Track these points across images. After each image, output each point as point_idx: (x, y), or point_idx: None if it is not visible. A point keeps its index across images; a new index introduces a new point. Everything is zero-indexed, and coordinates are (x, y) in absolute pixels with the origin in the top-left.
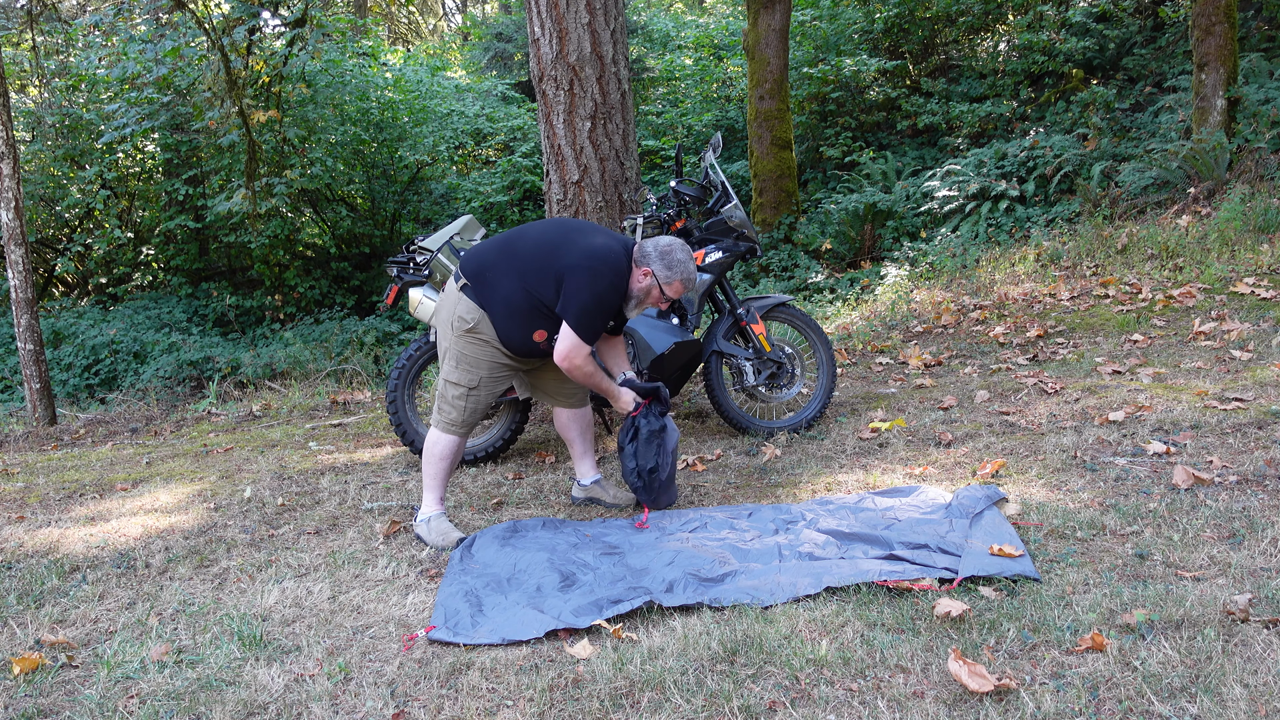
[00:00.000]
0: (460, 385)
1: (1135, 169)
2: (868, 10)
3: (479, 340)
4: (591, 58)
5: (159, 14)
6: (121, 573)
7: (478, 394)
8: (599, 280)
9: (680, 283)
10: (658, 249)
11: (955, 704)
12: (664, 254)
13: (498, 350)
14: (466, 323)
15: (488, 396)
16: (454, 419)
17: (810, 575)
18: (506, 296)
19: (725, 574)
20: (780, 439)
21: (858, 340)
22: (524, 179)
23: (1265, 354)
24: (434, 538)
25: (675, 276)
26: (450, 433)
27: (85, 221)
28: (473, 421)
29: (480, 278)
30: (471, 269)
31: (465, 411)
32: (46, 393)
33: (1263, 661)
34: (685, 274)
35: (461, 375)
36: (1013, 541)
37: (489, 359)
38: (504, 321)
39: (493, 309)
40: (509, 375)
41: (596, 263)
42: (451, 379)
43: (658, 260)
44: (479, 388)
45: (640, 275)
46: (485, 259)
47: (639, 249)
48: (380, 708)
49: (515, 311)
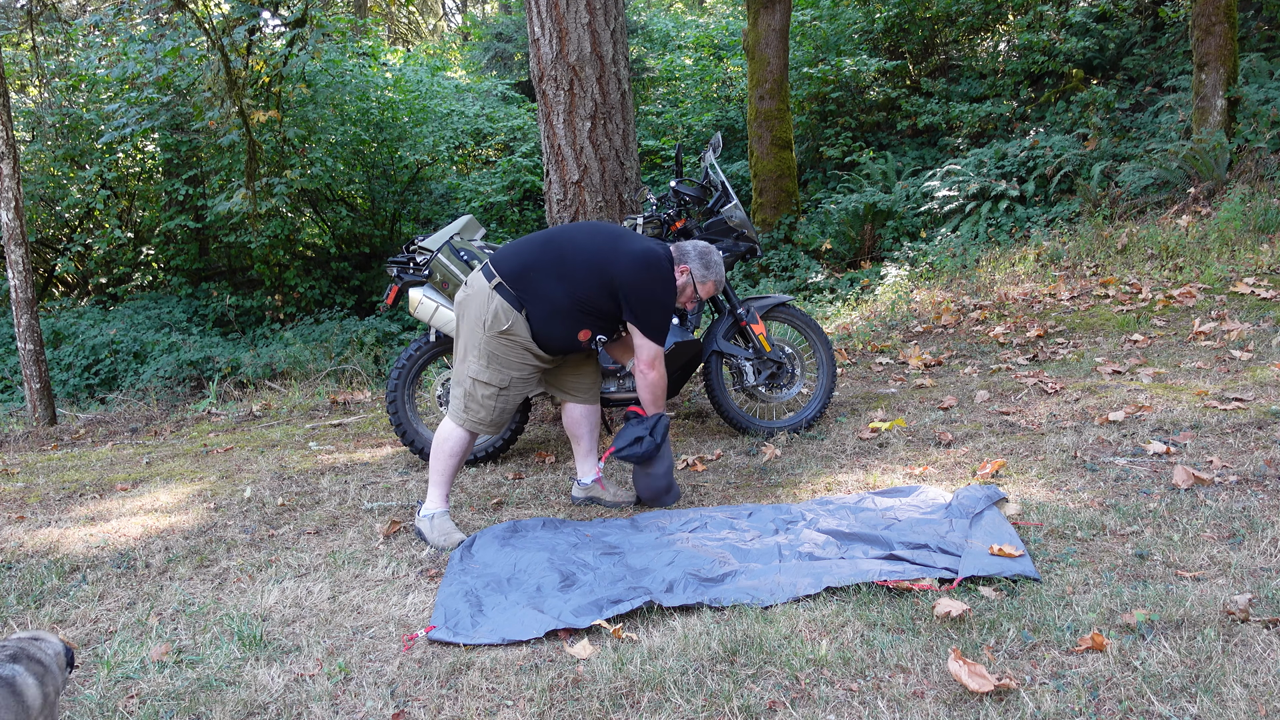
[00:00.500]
0: (491, 385)
1: (1135, 169)
2: (868, 10)
3: (512, 341)
4: (591, 58)
5: (159, 14)
6: (121, 573)
7: (508, 394)
8: (659, 284)
9: (713, 283)
10: (696, 250)
11: (955, 704)
12: (702, 254)
13: (528, 351)
14: (502, 323)
15: (518, 396)
16: (481, 418)
17: (810, 575)
18: (551, 298)
19: (725, 574)
20: (780, 439)
21: (858, 340)
22: (524, 179)
23: (1265, 354)
24: (435, 536)
25: (710, 276)
26: (473, 430)
27: (85, 221)
28: (502, 421)
29: (521, 278)
30: (510, 269)
31: (494, 411)
32: (46, 393)
33: (1263, 661)
34: (718, 275)
35: (493, 375)
36: (1013, 541)
37: (519, 360)
38: (545, 322)
39: (533, 309)
40: (537, 375)
41: (653, 269)
42: (482, 378)
43: (696, 259)
44: (510, 388)
45: (679, 273)
46: (527, 259)
47: (677, 249)
48: (380, 708)
49: (559, 312)
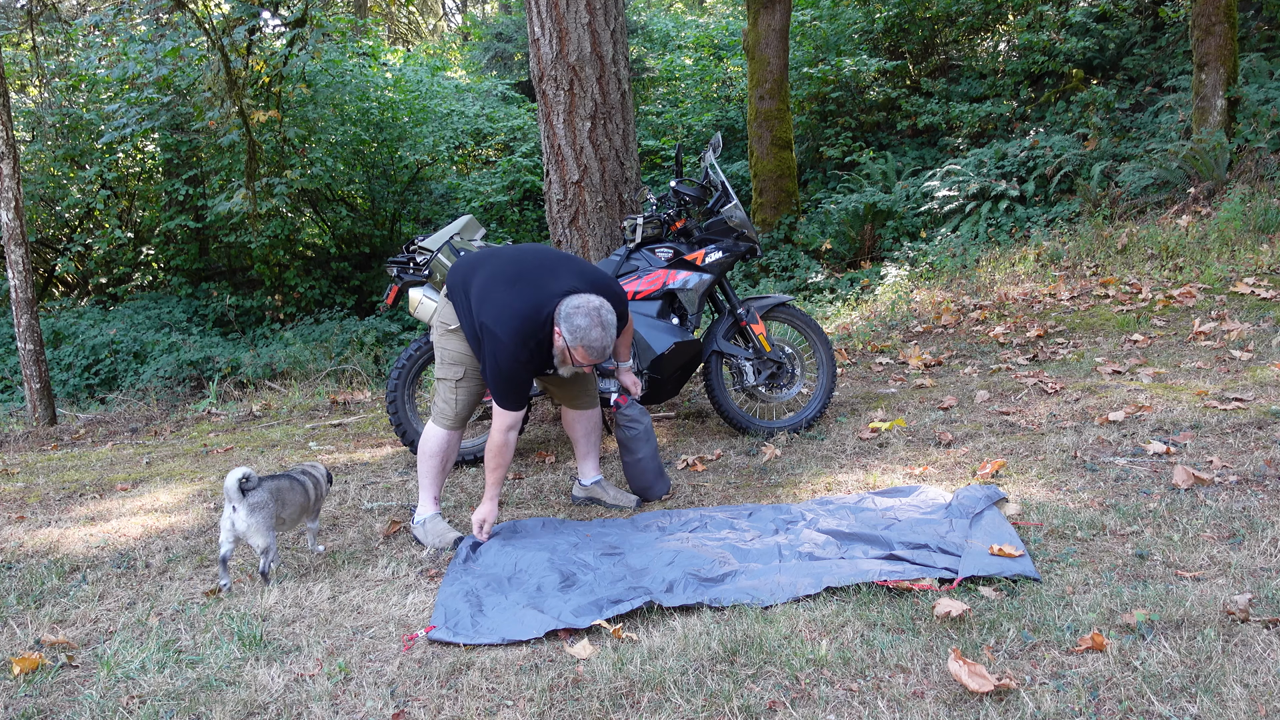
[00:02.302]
0: (448, 380)
1: (1135, 169)
2: (868, 10)
3: (460, 338)
4: (591, 58)
5: (159, 14)
6: (121, 573)
7: (465, 385)
8: (495, 345)
9: (584, 349)
10: (568, 308)
11: (955, 704)
12: (569, 316)
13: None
14: (448, 325)
15: (477, 387)
16: (445, 412)
17: (810, 575)
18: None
19: (725, 574)
20: (780, 439)
21: (858, 340)
22: (524, 179)
23: (1265, 354)
24: (430, 539)
25: (578, 341)
26: (443, 426)
27: (85, 221)
28: (465, 414)
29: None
30: (451, 282)
31: (456, 404)
32: (46, 393)
33: (1263, 661)
34: (586, 341)
35: (447, 370)
36: (1013, 541)
37: (468, 352)
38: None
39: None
40: None
41: (499, 325)
42: (441, 375)
43: (563, 321)
44: (465, 378)
45: (555, 335)
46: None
47: (560, 305)
48: (380, 708)
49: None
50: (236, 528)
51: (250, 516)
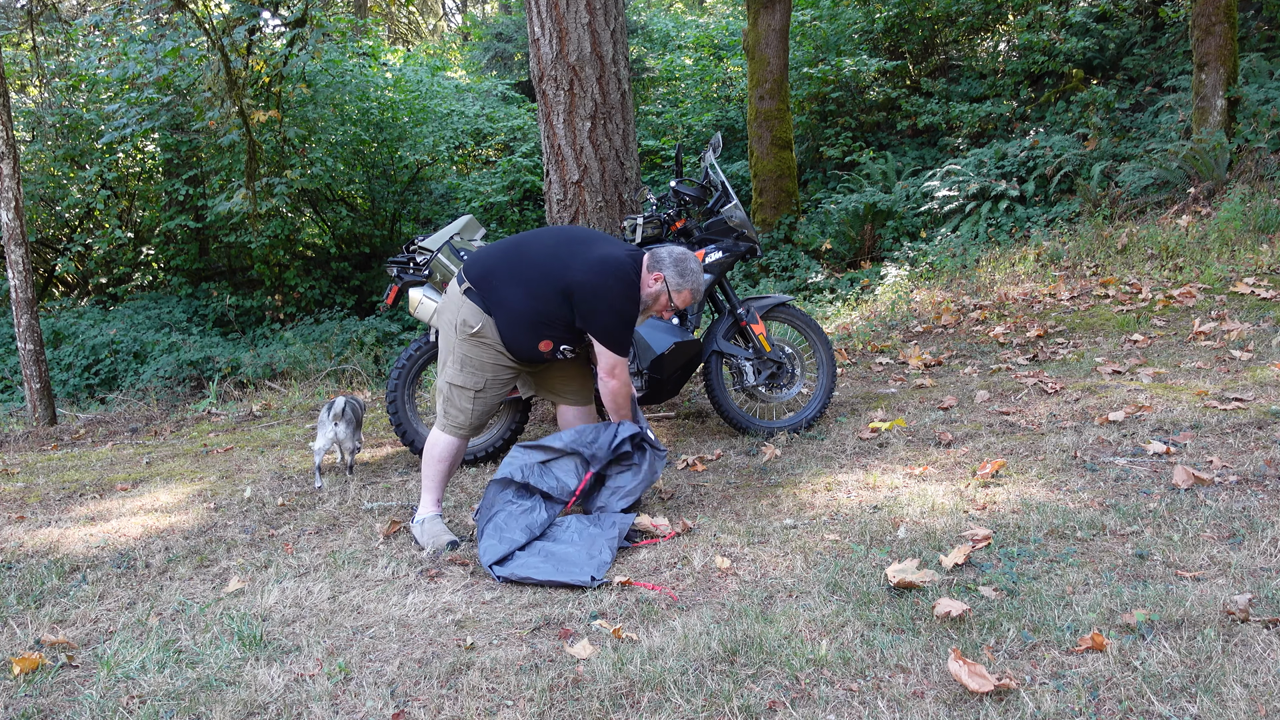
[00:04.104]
0: (466, 389)
1: (1135, 169)
2: (868, 10)
3: (483, 344)
4: (591, 58)
5: (159, 14)
6: (121, 573)
7: (484, 396)
8: (610, 293)
9: (690, 292)
10: (672, 256)
11: (955, 704)
12: (678, 261)
13: (501, 354)
14: (471, 327)
15: (494, 399)
16: (460, 421)
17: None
18: (511, 305)
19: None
20: (780, 439)
21: (858, 340)
22: (524, 179)
23: (1265, 354)
24: (426, 539)
25: (686, 285)
26: (454, 435)
27: (85, 221)
28: (479, 424)
29: (485, 283)
30: (476, 273)
31: (472, 414)
32: (46, 393)
33: (1263, 661)
34: (695, 283)
35: (467, 378)
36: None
37: (493, 362)
38: (509, 329)
39: (497, 315)
40: (514, 377)
41: (604, 276)
42: (457, 382)
43: (671, 266)
44: (485, 390)
45: (651, 280)
46: (490, 264)
47: (652, 255)
48: (380, 708)
49: (519, 320)
50: (339, 436)
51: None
